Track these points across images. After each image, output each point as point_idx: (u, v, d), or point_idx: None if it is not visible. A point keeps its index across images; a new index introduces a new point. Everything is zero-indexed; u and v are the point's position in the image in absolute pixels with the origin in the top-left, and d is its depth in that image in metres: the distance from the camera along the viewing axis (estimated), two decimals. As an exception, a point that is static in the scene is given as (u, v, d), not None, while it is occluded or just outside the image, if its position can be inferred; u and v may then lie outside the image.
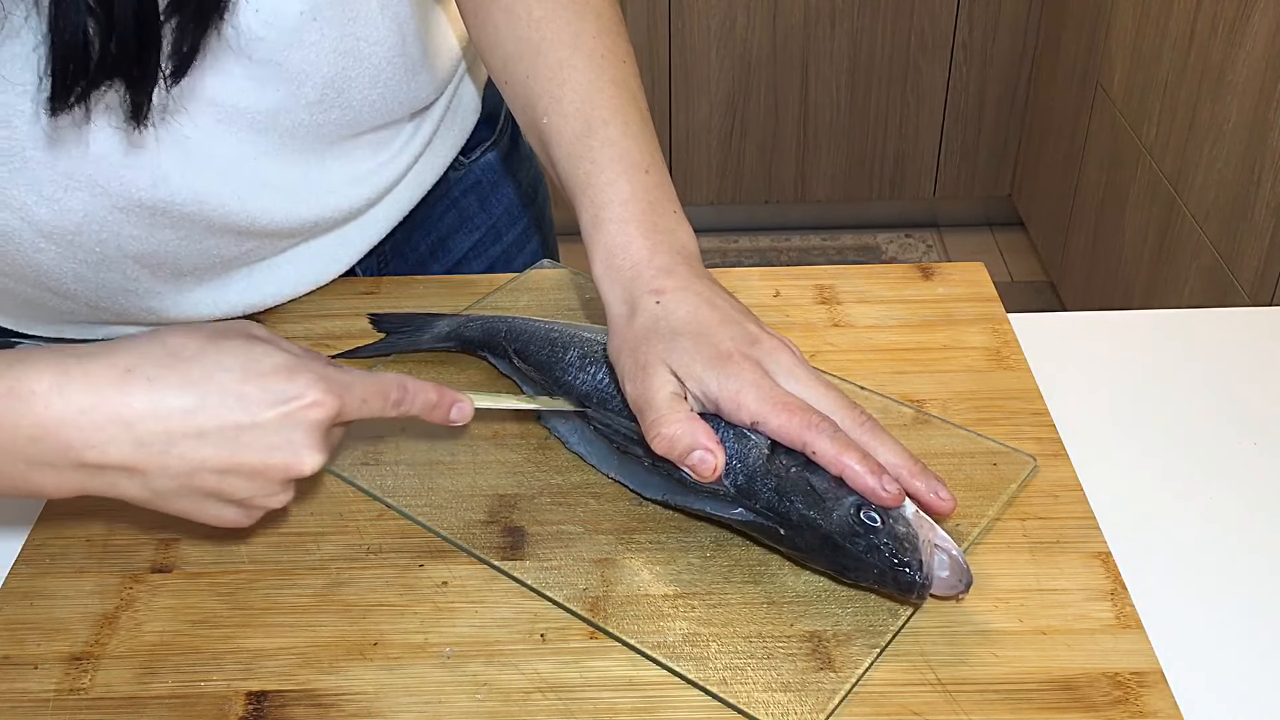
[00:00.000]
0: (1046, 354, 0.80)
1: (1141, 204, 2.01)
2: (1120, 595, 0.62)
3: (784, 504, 0.61)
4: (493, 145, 0.97)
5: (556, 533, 0.67)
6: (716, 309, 0.64)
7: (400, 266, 0.93)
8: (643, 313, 0.64)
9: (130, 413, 0.55)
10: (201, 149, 0.71)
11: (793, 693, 0.57)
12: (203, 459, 0.56)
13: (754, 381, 0.61)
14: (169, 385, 0.56)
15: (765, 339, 0.64)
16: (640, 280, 0.65)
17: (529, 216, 1.01)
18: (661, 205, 0.68)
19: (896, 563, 0.58)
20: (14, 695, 0.59)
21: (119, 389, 0.55)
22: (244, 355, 0.58)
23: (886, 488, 0.59)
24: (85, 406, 0.55)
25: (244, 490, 0.58)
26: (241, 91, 0.71)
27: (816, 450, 0.60)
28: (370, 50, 0.75)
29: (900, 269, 0.88)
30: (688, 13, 2.50)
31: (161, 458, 0.56)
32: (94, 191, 0.68)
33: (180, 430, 0.56)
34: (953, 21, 2.52)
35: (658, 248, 0.66)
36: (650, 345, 0.63)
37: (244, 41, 0.68)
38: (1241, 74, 1.66)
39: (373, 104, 0.77)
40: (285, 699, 0.58)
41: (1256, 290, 1.63)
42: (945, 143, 2.67)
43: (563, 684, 0.59)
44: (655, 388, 0.62)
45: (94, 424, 0.55)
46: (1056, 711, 0.57)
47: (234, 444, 0.57)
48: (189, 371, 0.56)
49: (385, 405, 0.62)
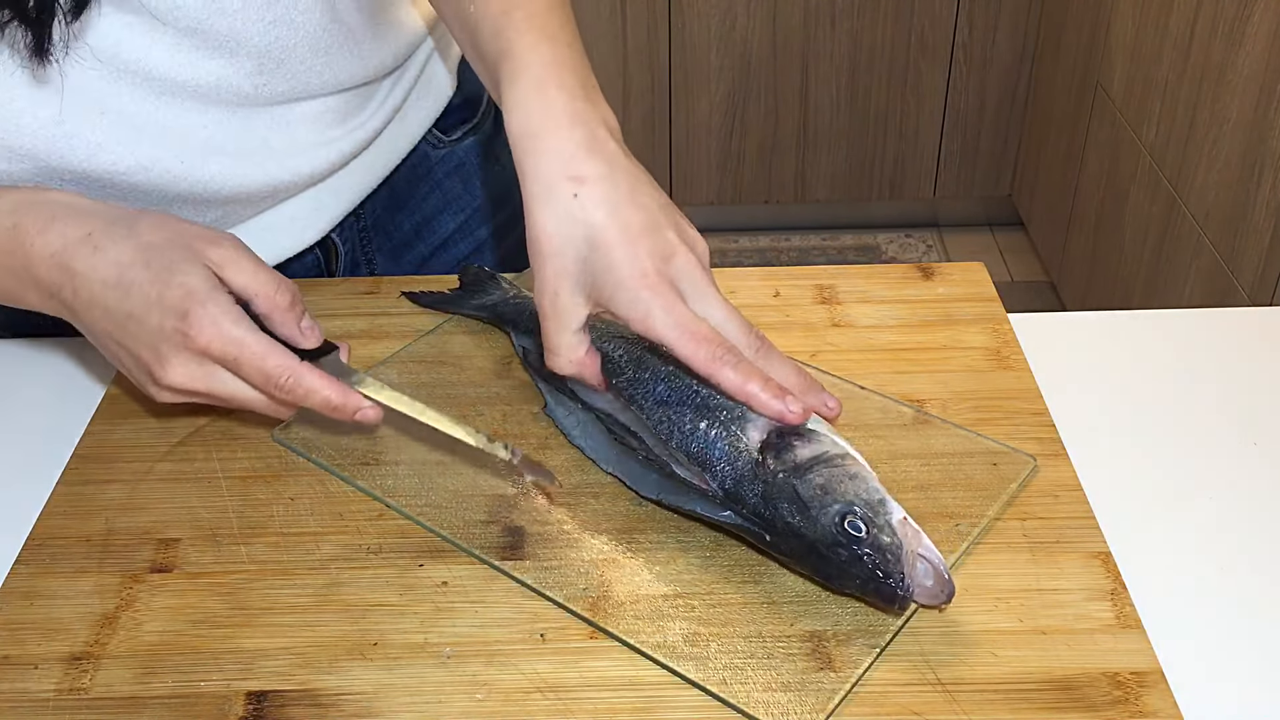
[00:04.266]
0: (1046, 354, 0.80)
1: (1141, 204, 2.01)
2: (1120, 595, 0.62)
3: (769, 510, 0.61)
4: (476, 128, 0.97)
5: (556, 533, 0.67)
6: (639, 208, 0.63)
7: (384, 244, 0.94)
8: (559, 206, 0.63)
9: (75, 267, 0.65)
10: (148, 120, 0.74)
11: (793, 693, 0.57)
12: (105, 327, 0.66)
13: (664, 306, 0.62)
14: (106, 259, 0.65)
15: (680, 252, 0.63)
16: (559, 156, 0.63)
17: (516, 200, 1.01)
18: (584, 76, 0.67)
19: (880, 574, 0.58)
20: (14, 695, 0.59)
21: (76, 246, 0.65)
22: (171, 262, 0.64)
23: (791, 408, 0.62)
24: (54, 251, 0.65)
25: (130, 366, 0.67)
26: (178, 64, 0.73)
27: (722, 381, 0.62)
28: (303, 19, 0.76)
29: (900, 269, 0.88)
30: (688, 13, 2.50)
31: (84, 312, 0.66)
32: (35, 163, 0.72)
33: (100, 298, 0.65)
34: (953, 22, 2.52)
35: (578, 117, 0.64)
36: (563, 264, 0.62)
37: (165, 9, 0.70)
38: (1241, 74, 1.66)
39: (319, 73, 0.79)
40: (285, 699, 0.58)
41: (1256, 290, 1.63)
42: (945, 143, 2.67)
43: (562, 684, 0.59)
44: (561, 325, 0.63)
45: (54, 267, 0.65)
46: (1056, 711, 0.57)
47: (122, 328, 0.65)
48: (126, 254, 0.65)
49: (263, 380, 0.65)
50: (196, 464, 0.72)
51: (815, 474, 0.60)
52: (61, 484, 0.71)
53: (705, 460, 0.63)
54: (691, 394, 0.65)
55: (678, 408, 0.65)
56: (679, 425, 0.65)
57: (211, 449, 0.73)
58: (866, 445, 0.70)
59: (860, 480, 0.60)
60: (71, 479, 0.72)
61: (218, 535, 0.67)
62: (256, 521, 0.68)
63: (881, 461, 0.69)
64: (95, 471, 0.72)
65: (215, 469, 0.72)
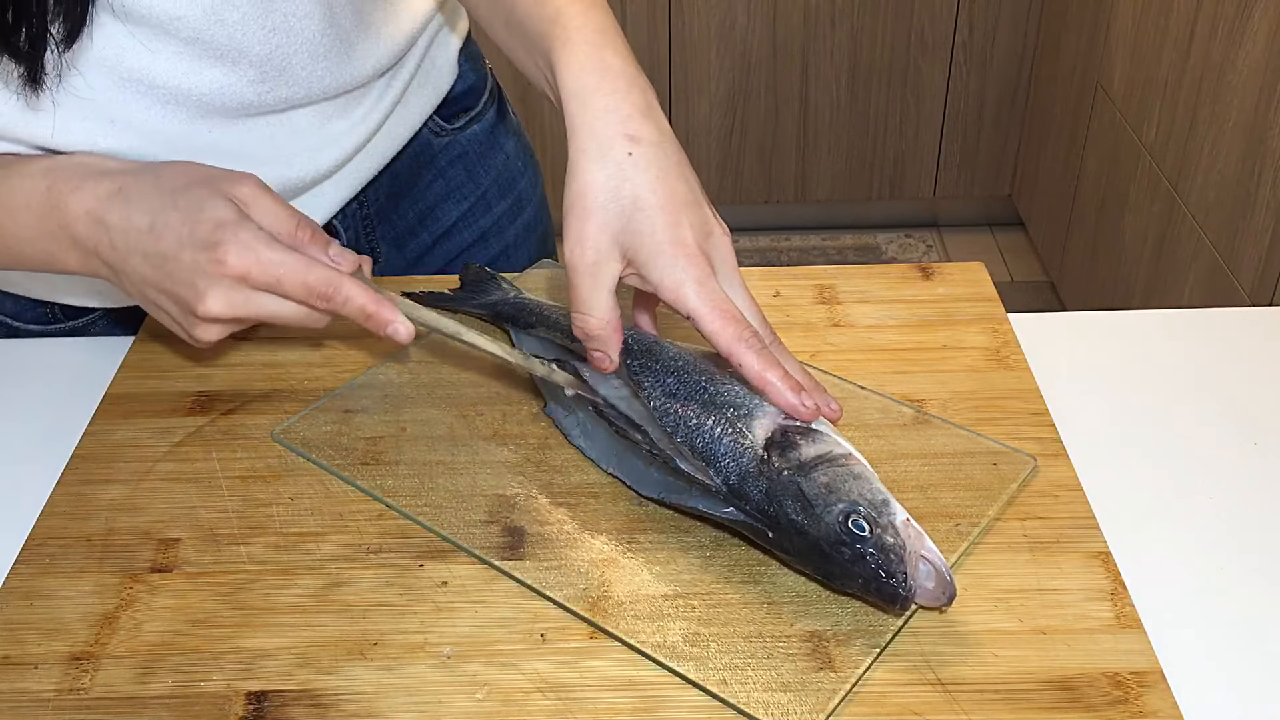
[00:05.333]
0: (1046, 354, 0.80)
1: (1141, 204, 2.01)
2: (1120, 595, 0.62)
3: (773, 507, 0.61)
4: (478, 116, 0.98)
5: (556, 533, 0.67)
6: (684, 181, 0.64)
7: (387, 233, 0.94)
8: (610, 161, 0.63)
9: (109, 220, 0.68)
10: (155, 129, 0.74)
11: (793, 693, 0.57)
12: (144, 274, 0.68)
13: (698, 278, 0.62)
14: (138, 207, 0.67)
15: (717, 230, 0.65)
16: (616, 114, 0.64)
17: (520, 189, 1.01)
18: (629, 52, 0.67)
19: (882, 574, 0.58)
20: (14, 695, 0.59)
21: (109, 200, 0.68)
22: (198, 200, 0.67)
23: (805, 404, 0.63)
24: (88, 208, 0.68)
25: (172, 310, 0.69)
26: (180, 73, 0.73)
27: (742, 363, 0.62)
28: (302, 25, 0.76)
29: (900, 269, 0.88)
30: (688, 13, 2.50)
31: (124, 263, 0.68)
32: None
33: (136, 246, 0.67)
34: (953, 22, 2.52)
35: (635, 82, 0.65)
36: (606, 219, 0.63)
37: (166, 20, 0.71)
38: (1241, 74, 1.66)
39: (320, 78, 0.79)
40: (285, 699, 0.58)
41: (1256, 290, 1.63)
42: (945, 143, 2.67)
43: (562, 684, 0.59)
44: (597, 283, 0.63)
45: (90, 224, 0.68)
46: (1056, 711, 0.57)
47: (160, 269, 0.67)
48: (155, 200, 0.67)
49: (305, 294, 0.67)
50: (196, 464, 0.72)
51: (820, 472, 0.60)
52: (61, 484, 0.71)
53: (710, 455, 0.63)
54: (700, 389, 0.65)
55: (685, 402, 0.65)
56: (685, 419, 0.65)
57: (211, 449, 0.73)
58: (866, 445, 0.70)
59: (864, 481, 0.60)
60: (71, 479, 0.72)
61: (218, 535, 0.67)
62: (256, 521, 0.68)
63: (882, 461, 0.69)
64: (95, 471, 0.72)
65: (215, 469, 0.72)
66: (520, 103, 2.06)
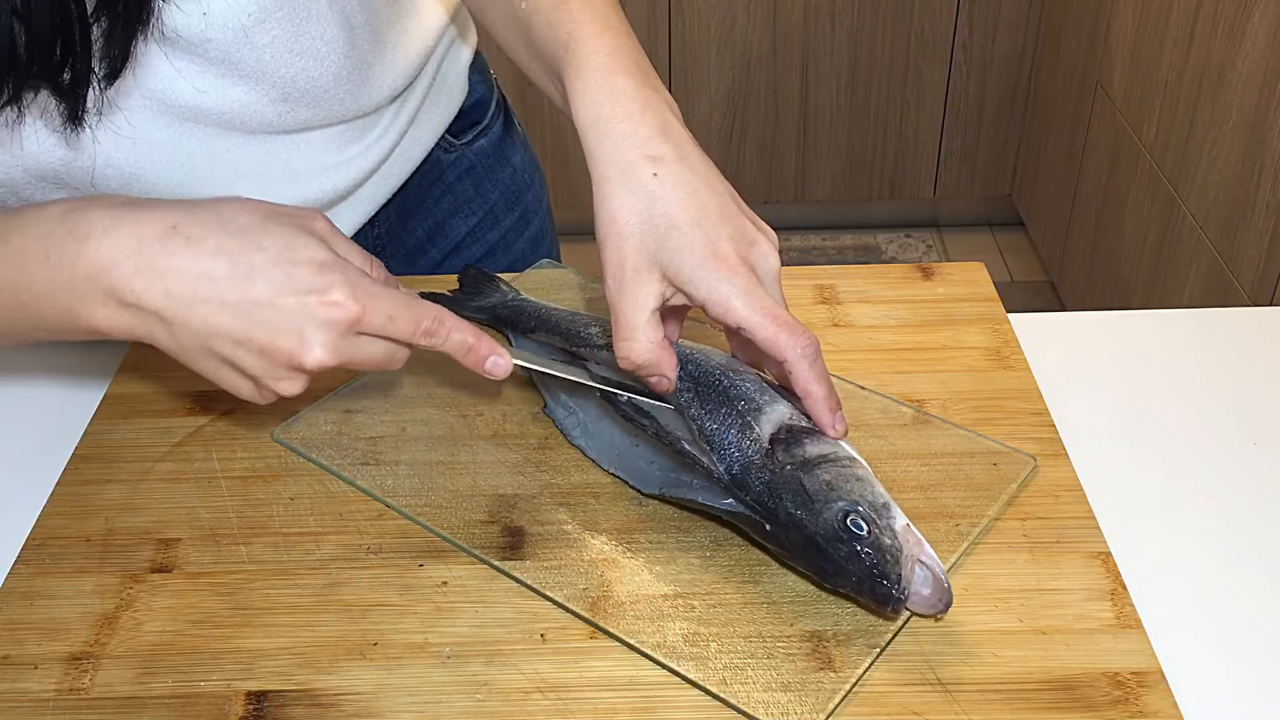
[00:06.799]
0: (1046, 354, 0.80)
1: (1141, 204, 2.01)
2: (1120, 595, 0.62)
3: (773, 500, 0.61)
4: (486, 129, 0.97)
5: (556, 533, 0.67)
6: (715, 193, 0.63)
7: (397, 250, 0.94)
8: (637, 185, 0.62)
9: (165, 265, 0.59)
10: (176, 147, 0.74)
11: (793, 693, 0.57)
12: (219, 325, 0.59)
13: (744, 289, 0.61)
14: (205, 249, 0.59)
15: (760, 239, 0.64)
16: (634, 138, 0.63)
17: (526, 201, 1.01)
18: (645, 65, 0.67)
19: (876, 574, 0.58)
20: (14, 695, 0.59)
21: (160, 242, 0.59)
22: (286, 240, 0.60)
23: (837, 426, 0.63)
24: (129, 251, 0.59)
25: (253, 365, 0.60)
26: (202, 91, 0.72)
27: (794, 371, 0.62)
28: (327, 49, 0.76)
29: (900, 269, 0.88)
30: (688, 13, 2.50)
31: (186, 313, 0.59)
32: (70, 192, 0.72)
33: (205, 293, 0.59)
34: (953, 21, 2.52)
35: (649, 103, 0.64)
36: (642, 240, 0.62)
37: (197, 41, 0.70)
38: (1241, 74, 1.66)
39: (341, 100, 0.79)
40: (285, 699, 0.58)
41: (1256, 290, 1.63)
42: (945, 143, 2.67)
43: (562, 684, 0.59)
44: (638, 304, 0.62)
45: (134, 269, 0.59)
46: (1056, 711, 0.57)
47: (248, 318, 0.59)
48: (228, 241, 0.59)
49: (414, 331, 0.62)
50: (196, 464, 0.72)
51: (822, 471, 0.61)
52: (61, 484, 0.71)
53: (716, 443, 0.63)
54: (714, 381, 0.65)
55: (697, 387, 0.65)
56: (695, 404, 0.65)
57: (211, 449, 0.73)
58: (866, 445, 0.70)
59: (866, 483, 0.60)
60: (71, 479, 0.72)
61: (218, 535, 0.67)
62: (256, 521, 0.68)
63: (881, 461, 0.69)
64: (95, 471, 0.72)
65: (215, 469, 0.72)
66: (520, 102, 2.06)
